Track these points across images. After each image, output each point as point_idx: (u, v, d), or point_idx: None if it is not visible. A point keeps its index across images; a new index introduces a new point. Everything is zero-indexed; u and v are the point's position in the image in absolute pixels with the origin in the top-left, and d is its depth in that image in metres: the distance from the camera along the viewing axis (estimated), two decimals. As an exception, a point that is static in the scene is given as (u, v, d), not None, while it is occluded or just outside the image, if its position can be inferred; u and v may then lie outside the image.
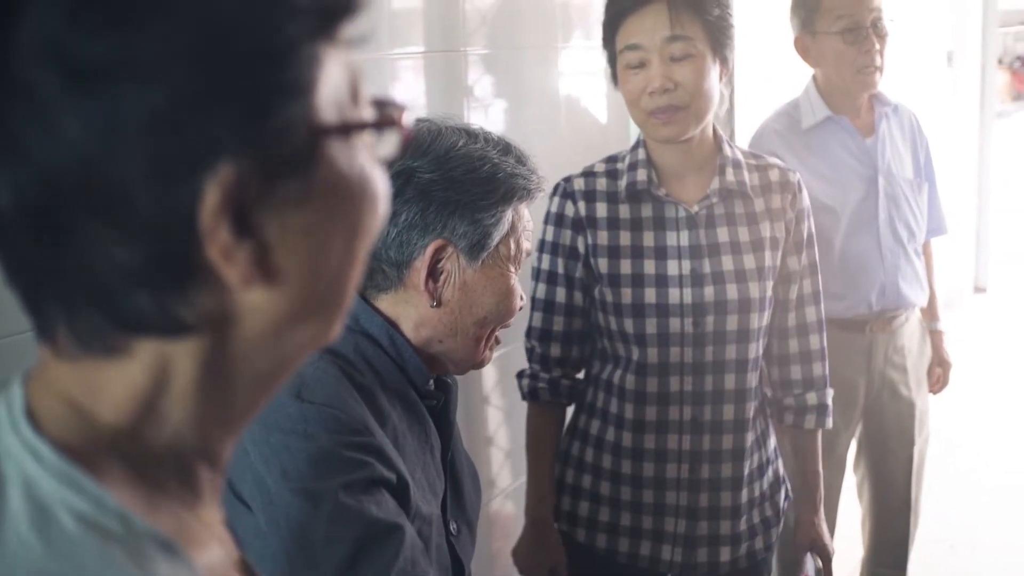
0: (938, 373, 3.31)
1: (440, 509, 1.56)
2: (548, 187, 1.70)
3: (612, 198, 2.19)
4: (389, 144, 0.69)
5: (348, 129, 0.66)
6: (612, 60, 2.17)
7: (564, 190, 2.23)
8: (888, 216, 2.99)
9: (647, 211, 2.18)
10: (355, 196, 0.67)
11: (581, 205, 2.20)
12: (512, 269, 1.57)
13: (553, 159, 2.76)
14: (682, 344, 2.16)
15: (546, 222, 2.24)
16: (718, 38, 2.11)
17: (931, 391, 3.32)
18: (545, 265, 2.24)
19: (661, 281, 2.15)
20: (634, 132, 2.98)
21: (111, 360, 0.65)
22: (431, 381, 1.61)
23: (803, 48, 2.97)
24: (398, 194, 1.47)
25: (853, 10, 2.86)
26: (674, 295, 2.14)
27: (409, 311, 1.53)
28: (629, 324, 2.16)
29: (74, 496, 0.62)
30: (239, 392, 0.69)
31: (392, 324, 1.53)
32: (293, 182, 0.63)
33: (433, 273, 1.51)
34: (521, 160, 1.56)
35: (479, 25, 2.48)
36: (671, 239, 2.16)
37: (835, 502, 3.16)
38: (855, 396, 3.08)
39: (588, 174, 2.24)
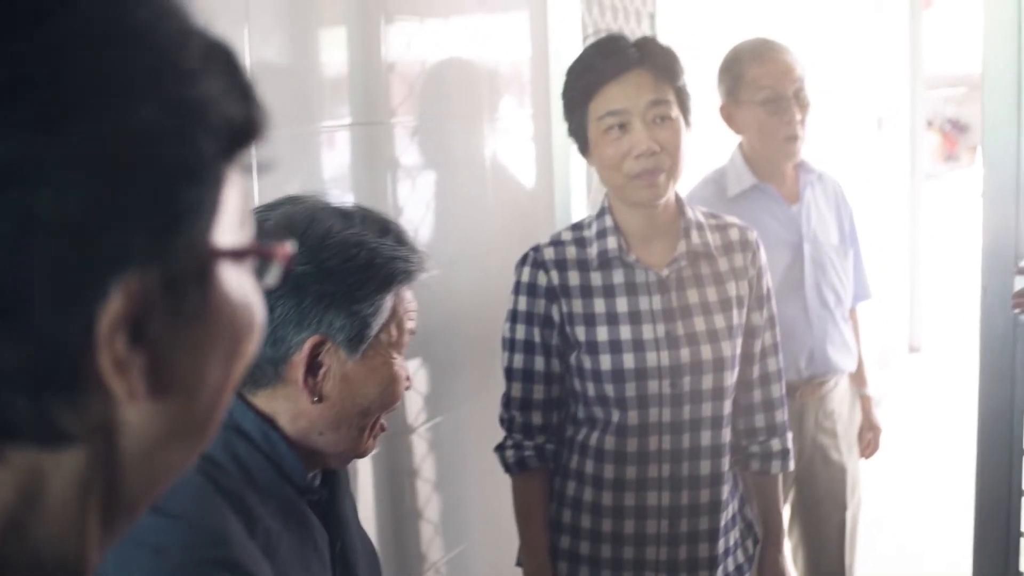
0: (869, 438, 3.33)
1: None
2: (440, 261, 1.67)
3: (583, 266, 2.24)
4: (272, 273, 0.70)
5: (240, 254, 0.66)
6: (582, 128, 2.20)
7: (535, 260, 2.26)
8: (815, 282, 3.01)
9: (619, 277, 2.22)
10: (239, 318, 0.66)
11: (553, 274, 2.23)
12: (395, 355, 1.51)
13: (480, 227, 2.78)
14: (660, 404, 2.21)
15: (517, 292, 2.27)
16: (685, 103, 2.19)
17: (863, 455, 3.34)
18: (520, 335, 2.26)
19: (638, 346, 2.19)
20: (560, 201, 3.00)
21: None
22: (316, 475, 1.55)
23: (728, 116, 3.01)
24: (279, 290, 1.41)
25: (775, 81, 2.90)
26: (652, 359, 2.19)
27: (287, 405, 1.47)
28: (609, 389, 2.20)
29: None
30: (110, 509, 0.66)
31: (267, 419, 1.46)
32: (188, 299, 0.62)
33: (312, 368, 1.45)
34: (400, 240, 1.50)
35: (406, 96, 2.48)
36: (644, 303, 2.21)
37: None
38: None
39: (556, 243, 2.27)
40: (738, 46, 3.02)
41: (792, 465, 2.47)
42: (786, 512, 3.20)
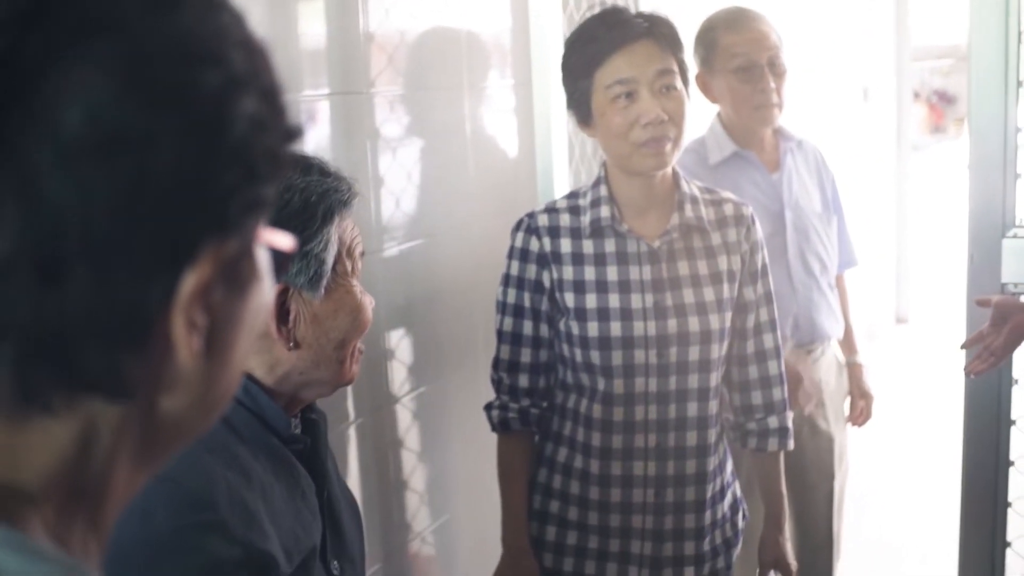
0: (861, 406, 3.32)
1: (321, 551, 1.54)
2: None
3: (576, 234, 2.26)
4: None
5: (266, 239, 0.72)
6: (584, 98, 2.21)
7: (528, 226, 2.29)
8: (798, 249, 3.01)
9: (610, 246, 2.24)
10: (262, 294, 0.73)
11: (546, 241, 2.26)
12: (354, 283, 1.55)
13: (462, 197, 2.77)
14: (647, 375, 2.23)
15: (510, 256, 2.30)
16: (685, 75, 2.22)
17: (854, 424, 3.34)
18: (511, 299, 2.30)
19: (626, 315, 2.21)
20: (542, 171, 3.00)
21: (41, 418, 0.63)
22: (296, 424, 1.58)
23: (703, 85, 3.00)
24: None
25: (748, 49, 2.90)
26: (639, 328, 2.21)
27: (261, 358, 1.50)
28: (595, 356, 2.22)
29: (39, 565, 0.61)
30: (138, 468, 0.70)
31: (245, 374, 1.48)
32: (241, 272, 0.69)
33: (282, 316, 1.48)
34: (325, 172, 1.53)
35: (385, 66, 2.48)
36: (634, 273, 2.23)
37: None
38: None
39: (551, 210, 2.30)
40: (712, 15, 3.02)
41: (791, 444, 2.47)
42: None
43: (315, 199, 1.48)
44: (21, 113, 0.58)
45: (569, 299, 2.24)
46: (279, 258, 0.76)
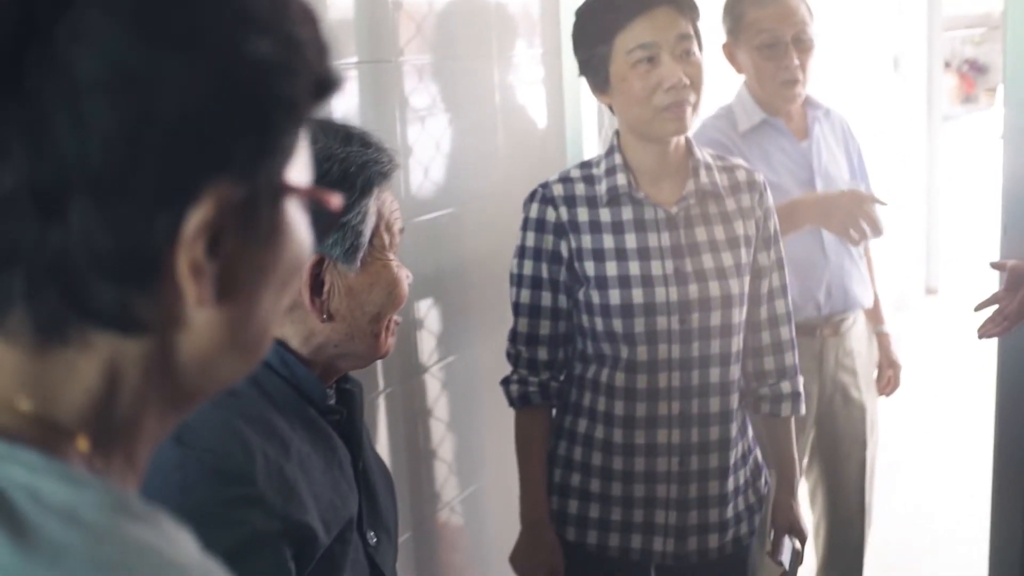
0: (889, 375, 3.31)
1: (357, 521, 1.53)
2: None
3: (592, 202, 2.25)
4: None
5: (305, 193, 0.73)
6: (602, 64, 2.20)
7: (543, 196, 2.27)
8: None
9: (627, 214, 2.24)
10: (295, 251, 0.74)
11: (563, 210, 2.25)
12: (391, 257, 1.53)
13: (491, 167, 2.76)
14: (669, 341, 2.22)
15: (525, 228, 2.28)
16: (701, 42, 2.21)
17: (882, 393, 3.33)
18: (528, 271, 2.28)
19: (647, 281, 2.20)
20: (571, 140, 2.99)
21: (64, 351, 0.67)
22: (332, 395, 1.57)
23: (730, 55, 3.00)
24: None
25: (774, 25, 2.86)
26: (660, 294, 2.20)
27: (296, 328, 1.49)
28: (618, 324, 2.21)
29: (84, 491, 0.64)
30: (167, 404, 0.72)
31: (281, 343, 1.48)
32: (261, 222, 0.70)
33: (316, 288, 1.47)
34: (366, 142, 1.50)
35: (413, 34, 2.47)
36: (652, 240, 2.22)
37: None
38: (808, 402, 3.04)
39: (565, 180, 2.29)
40: None
41: (803, 408, 2.47)
42: (805, 453, 3.20)
43: (355, 170, 1.46)
44: (36, 54, 0.61)
45: (589, 268, 2.23)
46: (325, 219, 0.77)
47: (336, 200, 0.75)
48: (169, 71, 0.63)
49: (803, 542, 2.48)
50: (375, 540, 1.59)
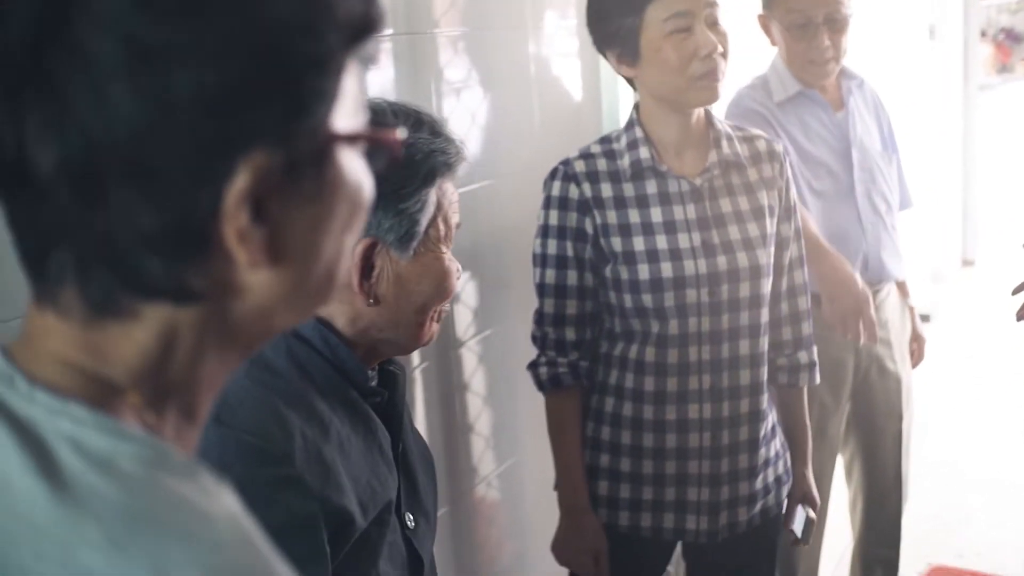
0: (914, 348, 3.29)
1: (396, 504, 1.52)
2: (478, 162, 1.62)
3: (615, 177, 2.22)
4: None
5: (356, 138, 0.72)
6: (632, 35, 2.16)
7: (565, 173, 2.24)
8: (865, 188, 2.98)
9: (652, 187, 2.21)
10: (351, 198, 0.73)
11: (586, 187, 2.22)
12: (444, 249, 1.51)
13: (527, 140, 2.75)
14: (699, 314, 2.20)
15: (548, 207, 2.25)
16: (723, 10, 2.19)
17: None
18: (552, 250, 2.24)
19: (675, 255, 2.18)
20: (607, 112, 2.96)
21: (119, 323, 0.68)
22: (374, 377, 1.56)
23: (765, 26, 2.97)
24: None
25: (806, 6, 2.82)
26: (689, 267, 2.18)
27: (343, 308, 1.47)
28: (648, 299, 2.19)
29: (126, 444, 0.65)
30: (226, 357, 0.74)
31: (325, 323, 1.47)
32: (308, 179, 0.69)
33: (365, 271, 1.45)
34: (435, 131, 1.48)
35: (448, 7, 2.45)
36: (678, 213, 2.21)
37: (827, 488, 3.12)
38: (844, 375, 3.05)
39: (586, 156, 2.26)
40: None
41: (819, 378, 2.46)
42: (841, 426, 3.17)
43: (420, 157, 1.44)
44: (54, 39, 0.63)
45: (616, 243, 2.20)
46: (384, 154, 0.76)
47: (396, 136, 0.75)
48: (183, 46, 0.63)
49: (816, 510, 2.47)
50: (413, 523, 1.58)
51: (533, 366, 2.30)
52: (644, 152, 2.21)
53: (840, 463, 3.26)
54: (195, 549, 0.62)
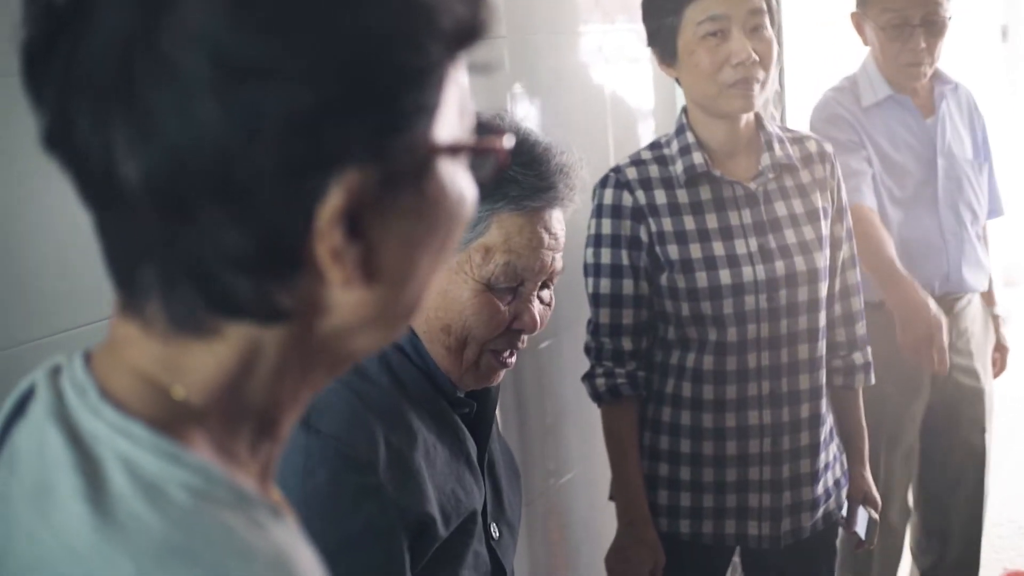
0: (995, 357, 3.21)
1: (481, 514, 1.52)
2: (589, 180, 1.58)
3: (668, 184, 2.20)
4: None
5: (458, 150, 0.69)
6: (671, 36, 2.16)
7: (617, 180, 2.22)
8: (951, 199, 2.91)
9: (706, 193, 2.20)
10: (452, 212, 0.70)
11: (639, 194, 2.20)
12: (479, 280, 1.44)
13: (598, 145, 2.73)
14: (758, 320, 2.19)
15: (600, 215, 2.22)
16: (775, 19, 2.17)
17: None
18: (606, 259, 2.22)
19: (733, 261, 2.17)
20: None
21: (201, 340, 0.67)
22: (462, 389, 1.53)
23: (858, 26, 2.92)
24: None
25: (903, 6, 2.76)
26: (747, 273, 2.17)
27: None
28: (707, 307, 2.17)
29: (179, 470, 0.63)
30: (311, 376, 0.72)
31: (411, 330, 1.46)
32: (407, 193, 0.66)
33: None
34: (530, 165, 1.42)
35: (524, 10, 2.44)
36: (734, 218, 2.20)
37: (904, 497, 3.06)
38: (919, 385, 2.97)
39: (638, 162, 2.24)
40: None
41: (873, 378, 2.42)
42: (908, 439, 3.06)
43: (492, 179, 1.42)
44: (143, 57, 0.62)
45: (672, 251, 2.18)
46: (491, 163, 0.73)
47: (502, 144, 0.72)
48: (274, 63, 0.61)
49: (877, 511, 2.43)
50: (498, 534, 1.57)
51: (589, 377, 2.27)
52: (698, 157, 2.19)
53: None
54: None
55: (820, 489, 2.31)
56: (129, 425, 0.64)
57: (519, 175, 1.42)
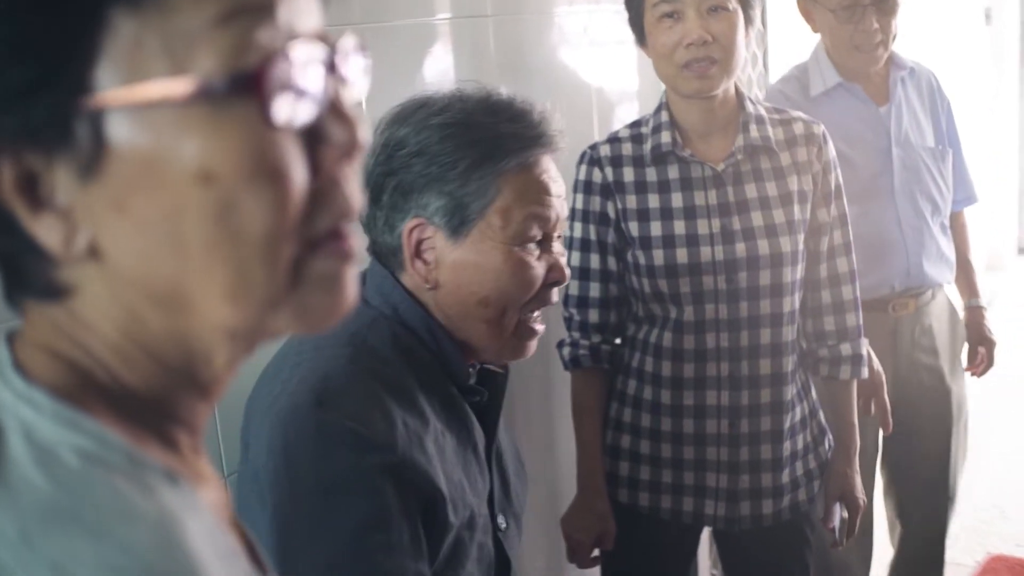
0: (981, 353, 3.06)
1: (488, 505, 1.50)
2: (569, 148, 1.58)
3: (638, 162, 2.22)
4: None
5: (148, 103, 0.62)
6: (639, 17, 2.18)
7: (590, 157, 2.25)
8: (908, 190, 2.80)
9: (673, 173, 2.20)
10: (160, 172, 0.63)
11: (608, 171, 2.23)
12: (507, 241, 1.44)
13: (583, 130, 2.70)
14: (716, 301, 2.19)
15: (575, 190, 2.26)
16: None
17: (974, 374, 3.09)
18: (577, 233, 2.26)
19: (692, 241, 2.17)
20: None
21: (70, 305, 0.67)
22: (473, 375, 1.52)
23: (805, 12, 2.81)
24: (383, 172, 1.42)
25: None
26: (705, 253, 2.17)
27: (426, 295, 1.45)
28: (663, 284, 2.19)
29: (74, 435, 0.64)
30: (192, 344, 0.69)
31: (429, 313, 1.45)
32: (83, 155, 0.62)
33: (420, 254, 1.43)
34: (516, 119, 1.43)
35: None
36: (699, 199, 2.19)
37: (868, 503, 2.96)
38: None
39: (613, 140, 2.27)
40: None
41: (865, 372, 2.38)
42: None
43: (476, 139, 1.41)
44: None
45: (634, 228, 2.20)
46: None
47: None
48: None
49: (855, 513, 2.39)
50: (504, 525, 1.56)
51: (560, 345, 2.32)
52: (666, 136, 2.19)
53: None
54: (104, 548, 0.60)
55: (785, 477, 2.29)
56: (33, 393, 0.65)
57: (512, 130, 1.42)
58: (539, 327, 1.51)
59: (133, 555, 0.60)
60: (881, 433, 2.88)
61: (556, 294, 1.53)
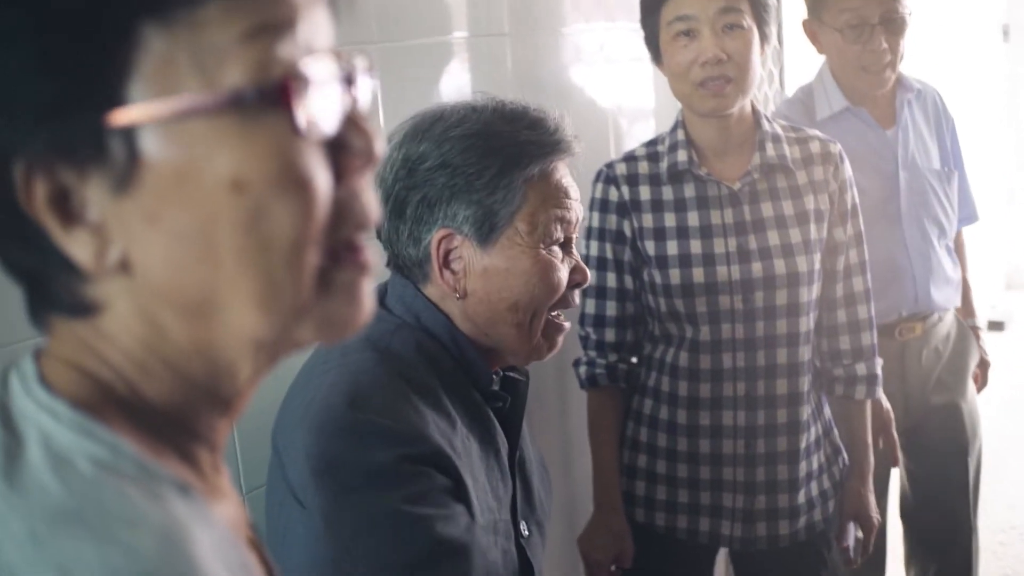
0: (976, 373, 3.03)
1: (510, 512, 1.52)
2: (585, 159, 1.61)
3: (654, 180, 2.23)
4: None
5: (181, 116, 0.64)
6: (654, 35, 2.19)
7: (606, 175, 2.26)
8: (915, 214, 2.77)
9: (690, 191, 2.21)
10: (190, 187, 0.65)
11: (624, 189, 2.23)
12: (534, 246, 1.46)
13: (599, 148, 2.70)
14: (733, 320, 2.18)
15: (591, 208, 2.26)
16: (761, 14, 2.14)
17: None
18: (593, 251, 2.27)
19: (708, 260, 2.18)
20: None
21: (95, 320, 0.69)
22: (496, 381, 1.55)
23: (811, 34, 2.78)
24: (406, 187, 1.44)
25: (860, 5, 2.62)
26: (722, 273, 2.17)
27: (451, 305, 1.48)
28: (679, 304, 2.19)
29: (90, 443, 0.65)
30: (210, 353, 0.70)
31: (451, 321, 1.48)
32: (118, 169, 0.64)
33: (449, 265, 1.45)
34: (533, 126, 1.46)
35: (522, 8, 2.42)
36: (715, 217, 2.19)
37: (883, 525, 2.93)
38: (892, 406, 2.73)
39: (629, 158, 2.27)
40: None
41: (880, 392, 2.38)
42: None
43: (499, 147, 1.44)
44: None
45: (650, 247, 2.21)
46: None
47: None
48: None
49: (869, 532, 2.39)
50: (527, 532, 1.57)
51: (576, 364, 2.33)
52: (682, 155, 2.20)
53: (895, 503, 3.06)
54: (108, 551, 0.61)
55: (801, 498, 2.29)
56: (54, 404, 0.66)
57: (532, 137, 1.45)
58: (566, 324, 1.55)
59: (136, 560, 0.61)
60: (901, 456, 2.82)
61: (578, 296, 1.56)
